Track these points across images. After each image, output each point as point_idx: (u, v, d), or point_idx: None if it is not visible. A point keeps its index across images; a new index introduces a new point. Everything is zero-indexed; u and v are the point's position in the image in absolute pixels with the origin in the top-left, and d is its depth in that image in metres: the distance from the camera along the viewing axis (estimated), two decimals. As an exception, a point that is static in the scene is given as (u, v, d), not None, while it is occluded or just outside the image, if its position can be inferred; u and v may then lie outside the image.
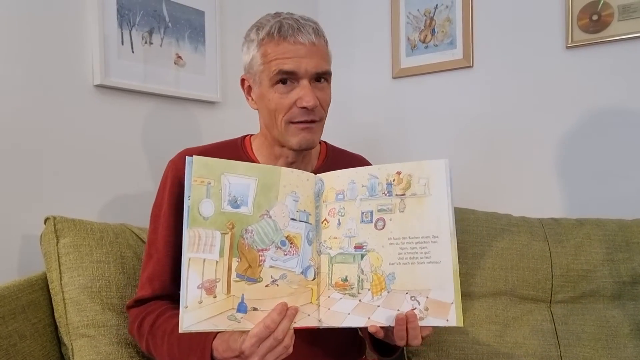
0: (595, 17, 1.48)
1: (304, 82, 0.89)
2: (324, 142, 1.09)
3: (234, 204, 0.75)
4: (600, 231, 1.28)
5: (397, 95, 1.87)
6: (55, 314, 1.02)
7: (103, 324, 1.00)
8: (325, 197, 0.82)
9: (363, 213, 0.79)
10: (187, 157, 0.74)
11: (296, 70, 0.87)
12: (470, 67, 1.70)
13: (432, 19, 1.77)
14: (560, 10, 1.54)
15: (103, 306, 1.01)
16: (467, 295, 1.26)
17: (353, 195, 0.80)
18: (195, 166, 0.73)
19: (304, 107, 0.88)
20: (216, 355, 0.77)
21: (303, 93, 0.88)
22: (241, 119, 1.67)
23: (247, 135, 1.06)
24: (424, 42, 1.79)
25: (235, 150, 1.01)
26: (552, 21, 1.56)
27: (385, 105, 1.90)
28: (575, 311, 1.24)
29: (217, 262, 0.72)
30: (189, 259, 0.70)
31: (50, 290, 1.03)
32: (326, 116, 0.96)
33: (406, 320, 0.75)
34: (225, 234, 0.73)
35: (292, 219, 0.78)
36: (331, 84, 0.96)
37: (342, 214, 0.79)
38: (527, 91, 1.61)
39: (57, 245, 1.03)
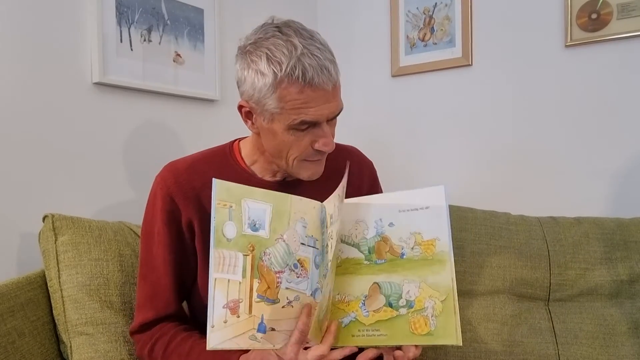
0: (594, 16, 1.48)
1: (324, 126, 0.85)
2: None
3: (253, 227, 0.78)
4: (598, 230, 1.28)
5: (396, 93, 1.87)
6: (53, 312, 1.02)
7: (101, 321, 1.00)
8: (328, 223, 0.85)
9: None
10: (213, 179, 0.75)
11: (319, 120, 0.84)
12: (469, 65, 1.70)
13: (431, 17, 1.77)
14: (559, 8, 1.54)
15: (101, 304, 1.01)
16: (465, 293, 1.26)
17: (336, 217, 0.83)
18: (217, 190, 0.76)
19: (321, 150, 0.87)
20: None
21: (322, 137, 0.85)
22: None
23: (235, 140, 1.02)
24: (423, 40, 1.79)
25: (224, 158, 0.98)
26: (551, 20, 1.56)
27: (384, 103, 1.90)
28: (573, 309, 1.24)
29: (240, 282, 0.75)
30: (215, 279, 0.73)
31: (49, 288, 1.03)
32: None
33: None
34: (246, 255, 0.76)
35: (302, 244, 0.81)
36: None
37: (332, 237, 0.82)
38: (526, 90, 1.61)
39: (55, 243, 1.03)
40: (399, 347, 0.81)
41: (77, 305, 1.00)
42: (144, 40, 1.38)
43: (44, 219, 1.06)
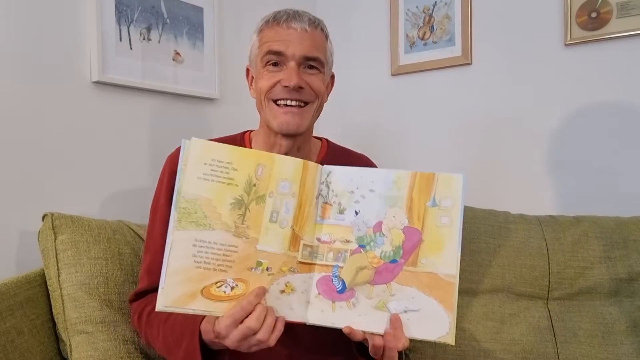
0: (594, 15, 1.48)
1: (291, 64, 0.90)
2: (325, 139, 1.08)
3: None
4: (597, 228, 1.28)
5: (395, 92, 1.87)
6: (53, 311, 1.02)
7: (101, 320, 1.00)
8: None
9: None
10: (182, 139, 0.75)
11: (284, 51, 0.90)
12: (468, 64, 1.70)
13: (430, 16, 1.77)
14: (559, 7, 1.54)
15: (101, 302, 1.01)
16: (464, 292, 1.26)
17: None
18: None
19: (286, 87, 0.90)
20: (204, 338, 0.78)
21: (288, 74, 0.90)
22: (239, 115, 1.67)
23: (247, 131, 1.05)
24: (422, 39, 1.78)
25: (234, 145, 1.01)
26: (551, 18, 1.56)
27: (383, 102, 1.89)
28: (572, 308, 1.24)
29: None
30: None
31: (48, 287, 1.03)
32: (319, 103, 0.96)
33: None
34: None
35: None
36: (330, 88, 1.00)
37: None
38: (525, 89, 1.61)
39: (54, 241, 1.03)
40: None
41: (76, 303, 1.00)
42: (144, 39, 1.38)
43: (43, 217, 1.06)
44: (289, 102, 0.92)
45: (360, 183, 0.80)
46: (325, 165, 0.81)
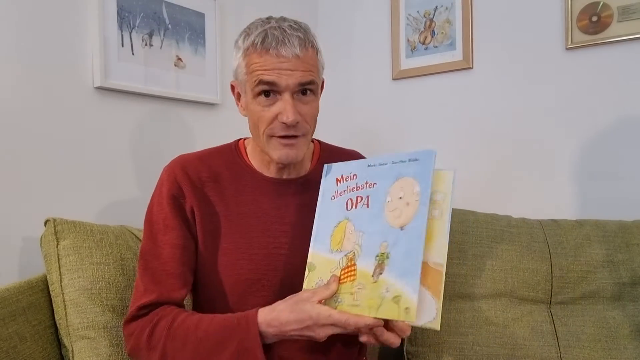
0: (594, 19, 1.48)
1: (286, 96, 0.86)
2: (317, 140, 1.08)
3: None
4: (600, 232, 1.28)
5: (396, 96, 1.87)
6: (55, 316, 1.02)
7: (103, 325, 1.00)
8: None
9: None
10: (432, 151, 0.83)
11: (277, 82, 0.85)
12: (470, 68, 1.70)
13: (432, 20, 1.77)
14: (560, 11, 1.54)
15: (103, 308, 1.01)
16: (467, 296, 1.26)
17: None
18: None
19: (283, 123, 0.87)
20: (267, 331, 0.79)
21: (283, 108, 0.86)
22: (241, 121, 1.66)
23: (240, 139, 1.05)
24: (423, 43, 1.79)
25: (230, 155, 1.01)
26: (551, 22, 1.56)
27: (385, 106, 1.90)
28: (575, 312, 1.24)
29: None
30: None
31: (51, 292, 1.03)
32: (313, 129, 0.95)
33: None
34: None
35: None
36: (320, 92, 0.95)
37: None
38: (526, 93, 1.61)
39: (57, 247, 1.03)
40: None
41: (78, 309, 1.00)
42: (145, 44, 1.39)
43: (45, 223, 1.06)
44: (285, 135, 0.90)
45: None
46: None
